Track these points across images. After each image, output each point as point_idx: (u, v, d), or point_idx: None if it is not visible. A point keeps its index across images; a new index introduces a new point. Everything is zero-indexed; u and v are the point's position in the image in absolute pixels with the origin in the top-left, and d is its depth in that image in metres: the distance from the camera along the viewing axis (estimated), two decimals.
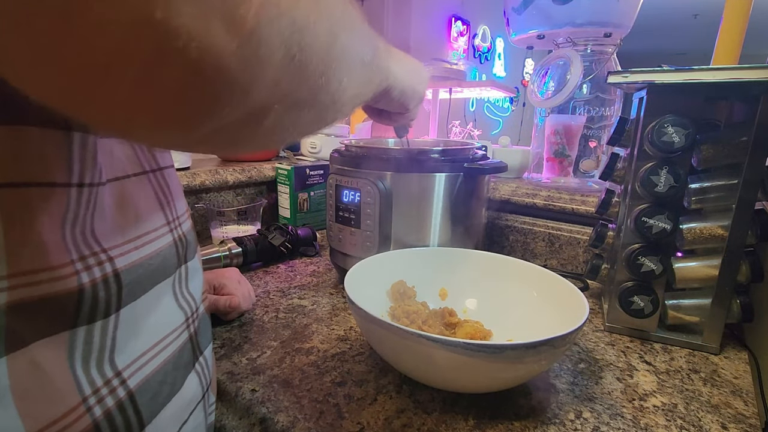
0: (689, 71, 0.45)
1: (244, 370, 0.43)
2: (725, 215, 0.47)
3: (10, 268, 0.19)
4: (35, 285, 0.19)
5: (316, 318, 0.54)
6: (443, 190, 0.57)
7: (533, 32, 0.85)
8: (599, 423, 0.37)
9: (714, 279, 0.48)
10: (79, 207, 0.21)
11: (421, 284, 0.53)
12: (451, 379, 0.38)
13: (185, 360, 0.29)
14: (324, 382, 0.41)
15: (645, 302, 0.51)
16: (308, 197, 0.91)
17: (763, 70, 0.42)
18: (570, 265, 0.75)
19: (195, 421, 0.30)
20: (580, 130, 0.84)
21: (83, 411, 0.21)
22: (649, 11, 1.06)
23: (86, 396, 0.21)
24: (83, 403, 0.21)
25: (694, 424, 0.38)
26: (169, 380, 0.27)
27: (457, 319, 0.49)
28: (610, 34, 0.79)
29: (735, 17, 0.82)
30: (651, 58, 5.46)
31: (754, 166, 0.45)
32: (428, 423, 0.36)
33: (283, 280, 0.67)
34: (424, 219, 0.58)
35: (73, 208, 0.21)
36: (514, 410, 0.38)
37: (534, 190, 0.80)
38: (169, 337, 0.27)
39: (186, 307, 0.30)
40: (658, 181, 0.48)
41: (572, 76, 0.77)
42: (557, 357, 0.39)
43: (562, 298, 0.45)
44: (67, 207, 0.21)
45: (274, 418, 0.37)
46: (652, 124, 0.47)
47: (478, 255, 0.56)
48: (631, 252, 0.51)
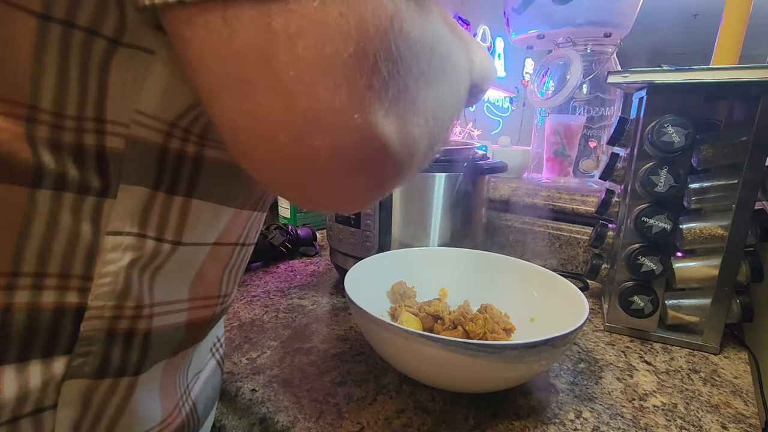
0: (689, 71, 0.45)
1: (244, 370, 0.43)
2: (725, 215, 0.47)
3: (188, 294, 0.25)
4: (202, 308, 0.26)
5: (316, 318, 0.54)
6: (443, 190, 0.57)
7: (533, 32, 0.84)
8: (599, 423, 0.37)
9: (714, 279, 0.48)
10: (238, 258, 0.29)
11: (421, 284, 0.53)
12: (451, 379, 0.38)
13: (216, 383, 0.34)
14: (324, 382, 0.41)
15: (645, 302, 0.51)
16: None
17: (763, 70, 0.42)
18: (570, 265, 0.75)
19: None
20: (580, 130, 0.84)
21: (179, 409, 0.27)
22: (649, 11, 1.06)
23: (178, 398, 0.27)
24: (178, 403, 0.27)
25: (694, 424, 0.38)
26: (209, 397, 0.33)
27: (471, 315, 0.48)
28: (610, 34, 0.79)
29: (735, 17, 0.82)
30: (651, 58, 5.45)
31: (754, 166, 0.45)
32: (428, 423, 0.36)
33: (283, 280, 0.67)
34: (424, 219, 0.58)
35: (234, 259, 0.28)
36: (514, 410, 0.38)
37: (534, 190, 0.80)
38: (205, 361, 0.33)
39: (212, 342, 0.35)
40: (658, 181, 0.48)
41: (572, 76, 0.77)
42: (557, 357, 0.39)
43: (562, 298, 0.45)
44: (231, 258, 0.28)
45: (274, 418, 0.37)
46: (652, 124, 0.47)
47: (478, 255, 0.56)
48: (631, 252, 0.50)
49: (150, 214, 0.20)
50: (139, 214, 0.20)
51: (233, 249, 0.28)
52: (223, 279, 0.28)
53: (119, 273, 0.20)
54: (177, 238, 0.22)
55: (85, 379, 0.20)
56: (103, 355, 0.20)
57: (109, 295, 0.20)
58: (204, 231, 0.24)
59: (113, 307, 0.20)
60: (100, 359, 0.20)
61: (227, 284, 0.29)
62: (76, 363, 0.20)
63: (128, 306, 0.21)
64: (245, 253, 0.30)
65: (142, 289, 0.21)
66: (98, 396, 0.21)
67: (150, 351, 0.23)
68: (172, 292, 0.23)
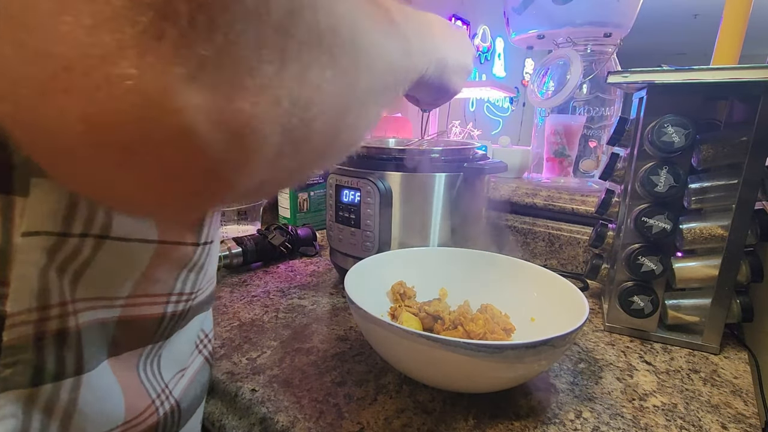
0: (689, 71, 0.45)
1: (244, 370, 0.43)
2: (725, 215, 0.47)
3: (128, 292, 0.24)
4: (145, 306, 0.25)
5: (316, 318, 0.54)
6: (443, 190, 0.57)
7: (533, 32, 0.84)
8: (599, 423, 0.37)
9: (714, 279, 0.48)
10: (201, 257, 0.27)
11: (421, 284, 0.53)
12: (451, 379, 0.38)
13: (204, 379, 0.34)
14: (324, 382, 0.41)
15: (645, 302, 0.51)
16: (308, 197, 0.91)
17: (763, 70, 0.42)
18: (570, 265, 0.75)
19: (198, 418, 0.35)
20: (580, 130, 0.84)
21: (153, 410, 0.26)
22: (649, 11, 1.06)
23: (153, 399, 0.26)
24: (153, 404, 0.26)
25: (694, 424, 0.38)
26: (196, 395, 0.32)
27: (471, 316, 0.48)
28: (610, 34, 0.79)
29: (735, 17, 0.82)
30: (651, 58, 5.46)
31: (754, 166, 0.45)
32: (428, 423, 0.36)
33: (283, 280, 0.67)
34: (424, 219, 0.58)
35: (196, 258, 0.27)
36: (514, 410, 0.38)
37: (534, 190, 0.80)
38: (190, 359, 0.32)
39: (196, 336, 0.34)
40: (658, 181, 0.48)
41: (572, 76, 0.77)
42: (557, 357, 0.39)
43: (562, 298, 0.45)
44: (192, 258, 0.27)
45: (274, 418, 0.37)
46: (652, 124, 0.47)
47: (478, 255, 0.56)
48: (631, 252, 0.50)
49: (75, 209, 0.19)
50: (61, 209, 0.19)
51: (194, 249, 0.26)
52: (180, 278, 0.26)
53: (36, 274, 0.18)
54: (105, 232, 0.20)
55: (21, 390, 0.19)
56: (35, 362, 0.19)
57: (28, 299, 0.18)
58: (138, 225, 0.22)
59: (37, 309, 0.19)
60: (33, 367, 0.19)
61: (186, 283, 0.27)
62: (6, 375, 0.18)
63: (53, 305, 0.19)
64: (209, 251, 0.28)
65: (63, 286, 0.20)
66: (40, 403, 0.20)
67: (86, 348, 0.21)
68: (103, 288, 0.22)
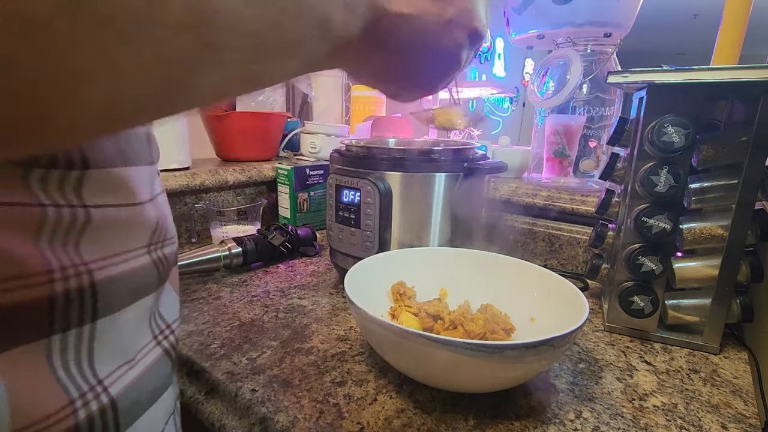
0: (689, 71, 0.45)
1: (244, 370, 0.43)
2: (725, 215, 0.47)
3: None
4: (8, 291, 0.21)
5: (316, 318, 0.54)
6: (443, 190, 0.57)
7: (533, 32, 0.84)
8: (599, 423, 0.37)
9: (714, 279, 0.48)
10: (61, 224, 0.22)
11: (421, 284, 0.53)
12: (451, 379, 0.38)
13: (162, 373, 0.30)
14: (324, 382, 0.41)
15: (645, 302, 0.51)
16: (308, 197, 0.91)
17: (763, 70, 0.42)
18: (570, 265, 0.75)
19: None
20: (580, 130, 0.84)
21: (69, 412, 0.23)
22: (649, 11, 1.06)
23: (73, 399, 0.23)
24: (71, 405, 0.23)
25: (694, 424, 0.38)
26: (149, 390, 0.28)
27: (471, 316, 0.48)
28: (610, 34, 0.79)
29: (735, 17, 0.82)
30: (651, 58, 5.46)
31: (754, 166, 0.45)
32: (428, 423, 0.36)
33: (283, 280, 0.67)
34: (424, 219, 0.58)
35: (51, 224, 0.22)
36: (514, 410, 0.38)
37: (534, 190, 0.80)
38: (144, 350, 0.28)
39: (155, 326, 0.31)
40: (658, 181, 0.48)
41: (572, 76, 0.77)
42: (557, 357, 0.39)
43: (562, 298, 0.45)
44: (43, 223, 0.22)
45: (274, 418, 0.37)
46: (652, 124, 0.47)
47: (478, 255, 0.56)
48: (631, 252, 0.51)
49: None
50: None
51: (39, 210, 0.21)
52: (49, 248, 0.22)
53: None
54: None
55: None
56: None
57: None
58: None
59: None
60: None
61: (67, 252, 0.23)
62: None
63: None
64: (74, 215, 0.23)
65: None
66: None
67: None
68: None
